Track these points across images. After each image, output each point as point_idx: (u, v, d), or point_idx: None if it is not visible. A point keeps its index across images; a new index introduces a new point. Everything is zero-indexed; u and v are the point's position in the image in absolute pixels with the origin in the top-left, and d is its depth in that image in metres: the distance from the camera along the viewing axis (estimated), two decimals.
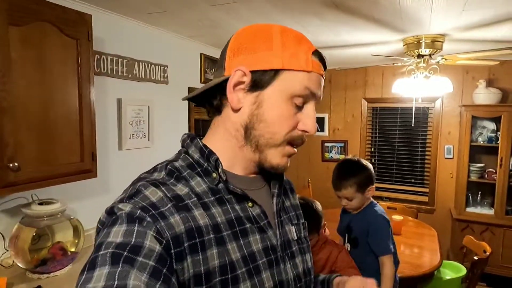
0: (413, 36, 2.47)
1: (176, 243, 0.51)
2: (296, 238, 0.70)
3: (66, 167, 1.54)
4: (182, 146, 0.66)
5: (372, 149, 4.20)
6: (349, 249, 1.73)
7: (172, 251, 0.50)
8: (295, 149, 0.64)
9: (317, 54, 0.62)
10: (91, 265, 0.46)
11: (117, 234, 0.49)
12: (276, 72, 0.58)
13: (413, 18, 2.08)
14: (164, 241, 0.50)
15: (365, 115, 4.14)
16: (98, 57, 2.01)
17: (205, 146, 0.63)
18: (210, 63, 3.08)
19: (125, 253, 0.47)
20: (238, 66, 0.59)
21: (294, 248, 0.68)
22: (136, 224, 0.50)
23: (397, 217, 2.72)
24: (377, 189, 4.07)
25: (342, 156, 4.28)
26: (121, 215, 0.51)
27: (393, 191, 4.06)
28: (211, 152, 0.62)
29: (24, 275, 1.60)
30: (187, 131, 2.84)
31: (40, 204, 1.61)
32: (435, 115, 3.77)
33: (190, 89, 2.82)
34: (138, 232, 0.49)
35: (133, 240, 0.48)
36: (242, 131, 0.61)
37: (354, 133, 4.21)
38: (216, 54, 3.14)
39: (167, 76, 2.57)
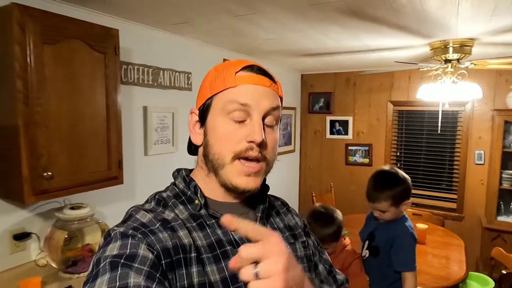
0: (440, 41, 2.40)
1: (165, 254, 0.55)
2: None
3: (94, 175, 1.63)
4: (173, 179, 0.72)
5: (398, 153, 4.10)
6: (367, 255, 1.71)
7: (163, 261, 0.55)
8: (251, 165, 0.63)
9: (251, 67, 0.66)
10: (93, 277, 0.51)
11: (112, 249, 0.54)
12: (208, 101, 0.66)
13: (439, 24, 2.02)
14: (155, 252, 0.54)
15: (391, 118, 4.05)
16: (125, 67, 2.10)
17: (187, 175, 0.69)
18: None
19: (122, 260, 0.51)
20: (192, 108, 0.71)
21: None
22: (130, 238, 0.55)
23: (421, 226, 2.65)
24: None
25: (366, 160, 4.21)
26: (115, 234, 0.56)
27: (419, 197, 3.95)
28: (191, 180, 0.68)
29: (56, 275, 1.71)
30: None
31: (72, 208, 1.72)
32: (465, 119, 3.63)
33: None
34: (132, 244, 0.54)
35: (128, 250, 0.53)
36: (204, 160, 0.68)
37: (379, 136, 4.13)
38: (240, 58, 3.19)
39: (190, 83, 2.64)
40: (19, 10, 1.31)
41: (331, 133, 4.42)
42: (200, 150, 0.69)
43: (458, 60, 2.45)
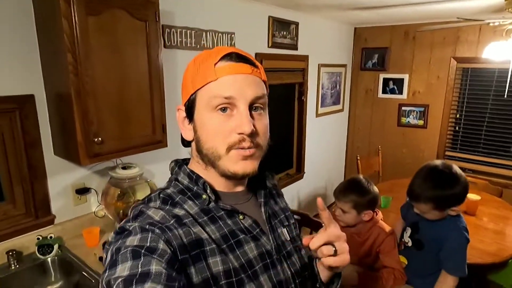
0: None
1: (182, 251, 0.58)
2: (289, 238, 0.76)
3: (141, 139, 1.74)
4: (172, 174, 0.73)
5: (458, 116, 3.77)
6: (409, 244, 1.65)
7: (180, 257, 0.57)
8: (246, 150, 0.64)
9: (229, 56, 0.64)
10: (112, 264, 0.53)
11: (133, 241, 0.56)
12: (192, 96, 0.66)
13: None
14: (172, 248, 0.57)
15: (453, 77, 3.68)
16: (168, 30, 2.12)
17: (192, 171, 0.69)
18: (279, 26, 3.00)
19: (143, 251, 0.54)
20: (178, 105, 0.71)
21: (289, 248, 0.74)
22: (150, 233, 0.57)
23: (473, 196, 2.49)
24: (460, 159, 3.75)
25: (421, 122, 3.94)
26: (134, 228, 0.58)
27: (478, 163, 3.67)
28: (198, 177, 0.68)
29: (113, 225, 1.94)
30: None
31: (123, 168, 1.89)
32: None
33: (257, 55, 2.82)
34: (152, 238, 0.56)
35: (148, 243, 0.55)
36: (198, 155, 0.69)
37: (438, 97, 3.80)
38: (286, 15, 3.04)
39: (234, 43, 2.60)
40: None
41: (384, 92, 4.16)
42: (193, 145, 0.70)
43: None
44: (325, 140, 4.11)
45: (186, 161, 0.75)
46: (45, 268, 1.65)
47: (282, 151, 3.62)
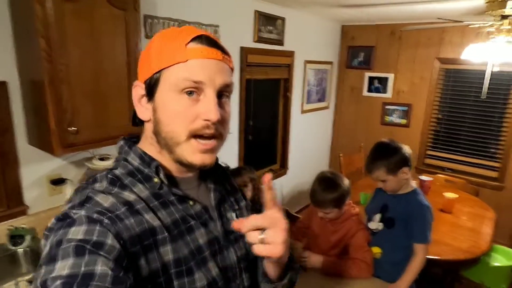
0: None
1: (131, 243, 0.55)
2: None
3: (118, 129, 1.70)
4: (119, 153, 0.67)
5: (440, 116, 3.83)
6: (380, 228, 1.72)
7: (130, 251, 0.54)
8: (207, 143, 0.61)
9: (201, 39, 0.60)
10: (51, 259, 0.48)
11: (77, 232, 0.50)
12: (157, 75, 0.61)
13: None
14: (122, 242, 0.53)
15: (436, 77, 3.73)
16: (150, 21, 2.09)
17: (144, 152, 0.65)
18: (265, 21, 2.99)
19: (89, 246, 0.49)
20: (136, 81, 0.66)
21: (237, 233, 0.69)
22: (98, 225, 0.52)
23: (450, 195, 2.55)
24: (440, 158, 3.82)
25: (403, 121, 4.00)
26: (80, 217, 0.52)
27: (457, 162, 3.75)
28: (151, 159, 0.64)
29: None
30: (238, 92, 2.90)
31: (100, 159, 1.86)
32: None
33: (242, 49, 2.80)
34: (99, 231, 0.51)
35: (95, 237, 0.50)
36: (154, 137, 0.64)
37: (421, 96, 3.85)
38: (272, 10, 3.03)
39: (218, 36, 2.58)
40: None
41: (369, 90, 4.20)
42: (149, 126, 0.65)
43: None
44: (310, 136, 4.13)
45: (135, 140, 0.69)
46: (16, 259, 1.62)
47: (266, 147, 3.62)
